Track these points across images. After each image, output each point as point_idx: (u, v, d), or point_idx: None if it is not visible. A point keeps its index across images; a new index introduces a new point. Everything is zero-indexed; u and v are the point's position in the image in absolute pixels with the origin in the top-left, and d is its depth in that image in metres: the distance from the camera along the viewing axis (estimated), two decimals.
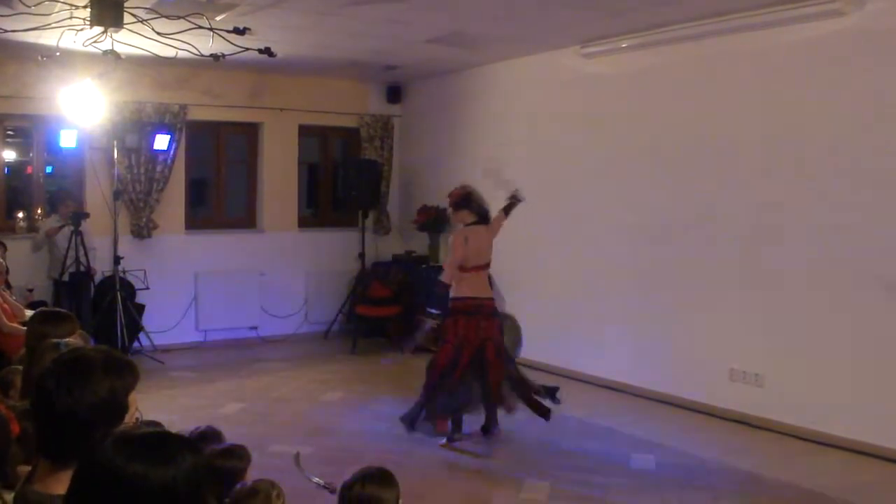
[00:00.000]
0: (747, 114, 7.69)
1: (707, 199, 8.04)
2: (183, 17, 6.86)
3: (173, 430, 2.02)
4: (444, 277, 7.23)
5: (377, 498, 3.35)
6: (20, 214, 10.76)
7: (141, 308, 10.49)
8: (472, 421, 7.37)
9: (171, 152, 10.73)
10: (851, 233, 6.94)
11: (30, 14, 6.72)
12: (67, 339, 3.74)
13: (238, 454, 3.78)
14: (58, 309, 5.67)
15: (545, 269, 9.92)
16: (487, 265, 7.30)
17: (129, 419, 2.30)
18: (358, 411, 8.19)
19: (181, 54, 7.46)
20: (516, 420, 7.36)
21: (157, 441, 1.87)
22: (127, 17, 6.78)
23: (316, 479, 5.89)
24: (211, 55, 7.43)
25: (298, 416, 8.00)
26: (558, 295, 9.72)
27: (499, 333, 7.29)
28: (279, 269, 11.78)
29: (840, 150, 7.00)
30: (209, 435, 4.07)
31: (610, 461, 6.73)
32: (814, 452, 6.95)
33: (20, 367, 4.60)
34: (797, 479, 6.27)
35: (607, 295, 9.10)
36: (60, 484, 2.10)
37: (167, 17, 6.86)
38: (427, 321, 7.50)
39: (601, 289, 9.18)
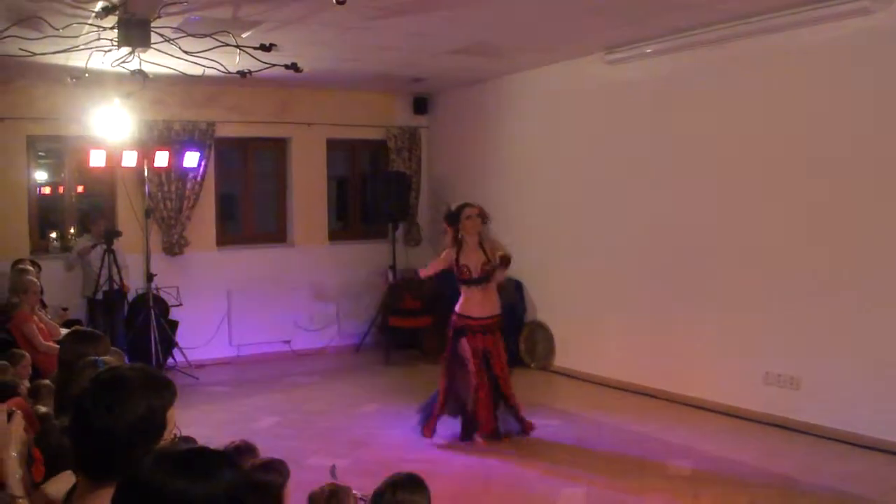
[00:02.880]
0: (775, 115, 7.62)
1: (739, 202, 7.98)
2: (209, 36, 6.93)
3: (208, 445, 2.03)
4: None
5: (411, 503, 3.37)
6: (53, 234, 10.90)
7: (174, 324, 10.57)
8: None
9: (201, 169, 10.83)
10: (885, 233, 6.86)
11: (58, 37, 6.82)
12: (105, 357, 3.78)
13: (277, 468, 3.80)
14: (91, 329, 5.72)
15: (575, 276, 9.89)
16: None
17: (167, 436, 2.32)
18: (393, 423, 8.15)
19: (208, 72, 7.55)
20: (550, 427, 7.33)
21: (198, 457, 1.88)
22: (154, 37, 6.86)
23: (352, 492, 5.91)
24: (238, 72, 7.51)
25: (334, 428, 8.02)
26: (589, 302, 9.70)
27: None
28: (310, 283, 11.82)
29: (869, 151, 6.92)
30: (244, 449, 4.09)
31: (646, 467, 6.69)
32: (851, 455, 6.85)
33: (48, 382, 4.67)
34: (835, 483, 6.20)
35: (639, 300, 9.05)
36: (101, 501, 2.12)
37: (194, 35, 6.93)
38: None
39: (633, 295, 9.13)
